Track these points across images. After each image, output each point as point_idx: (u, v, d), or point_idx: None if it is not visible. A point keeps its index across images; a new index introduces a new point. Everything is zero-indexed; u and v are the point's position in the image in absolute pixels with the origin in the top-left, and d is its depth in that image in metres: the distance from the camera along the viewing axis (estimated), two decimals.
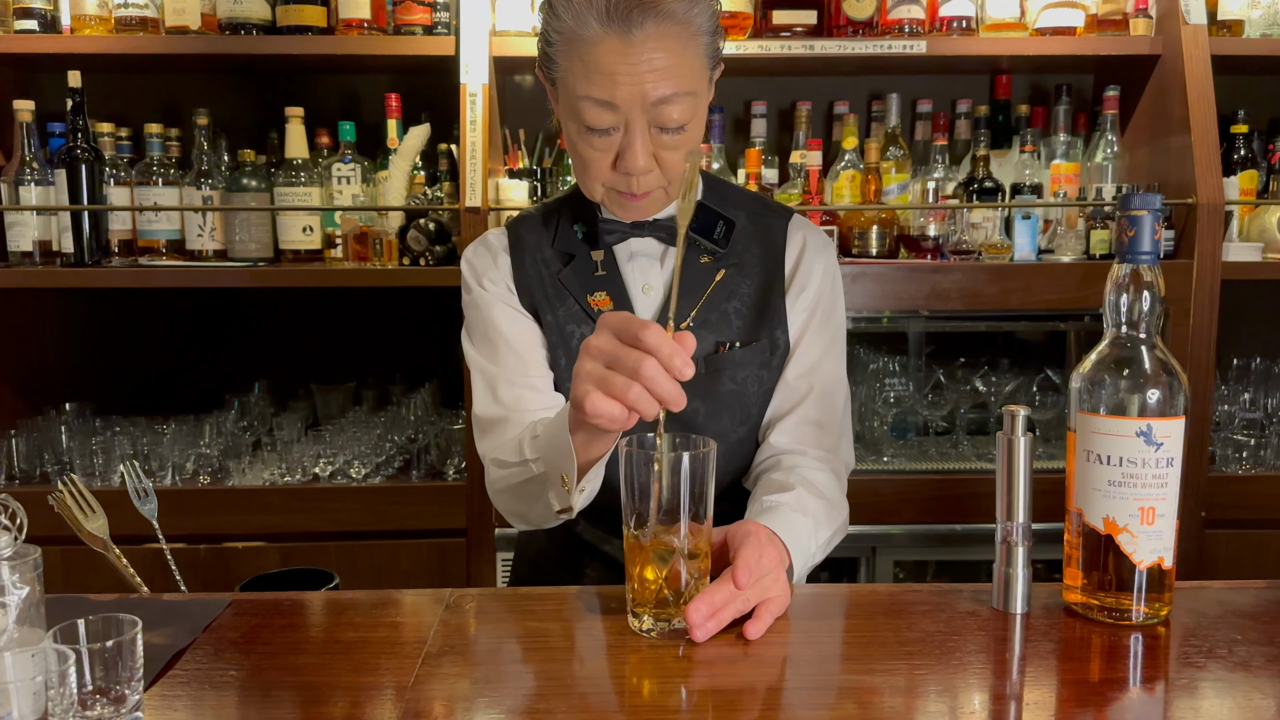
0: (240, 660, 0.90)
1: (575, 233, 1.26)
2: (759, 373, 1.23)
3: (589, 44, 1.06)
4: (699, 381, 1.21)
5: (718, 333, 1.23)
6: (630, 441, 0.94)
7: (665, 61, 1.06)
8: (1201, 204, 2.12)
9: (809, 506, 1.11)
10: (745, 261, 1.25)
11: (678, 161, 1.12)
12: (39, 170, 2.24)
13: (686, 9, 1.06)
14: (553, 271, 1.25)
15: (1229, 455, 2.26)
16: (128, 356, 2.60)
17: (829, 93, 2.52)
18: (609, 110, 1.08)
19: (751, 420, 1.25)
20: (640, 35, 1.04)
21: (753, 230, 1.26)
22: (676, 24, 1.06)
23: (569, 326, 1.24)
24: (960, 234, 2.23)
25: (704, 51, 1.10)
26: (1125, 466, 0.93)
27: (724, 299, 1.23)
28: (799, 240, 1.27)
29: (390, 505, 2.17)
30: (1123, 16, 2.27)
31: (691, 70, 1.08)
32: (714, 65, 1.15)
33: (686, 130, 1.10)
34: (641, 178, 1.12)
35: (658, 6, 1.04)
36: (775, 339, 1.24)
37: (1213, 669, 0.87)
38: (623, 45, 1.04)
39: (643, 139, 1.09)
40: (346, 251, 2.26)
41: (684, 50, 1.07)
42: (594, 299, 1.23)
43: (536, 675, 0.87)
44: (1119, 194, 2.17)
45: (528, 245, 1.27)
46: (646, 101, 1.07)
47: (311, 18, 2.22)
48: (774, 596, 0.96)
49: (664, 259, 1.25)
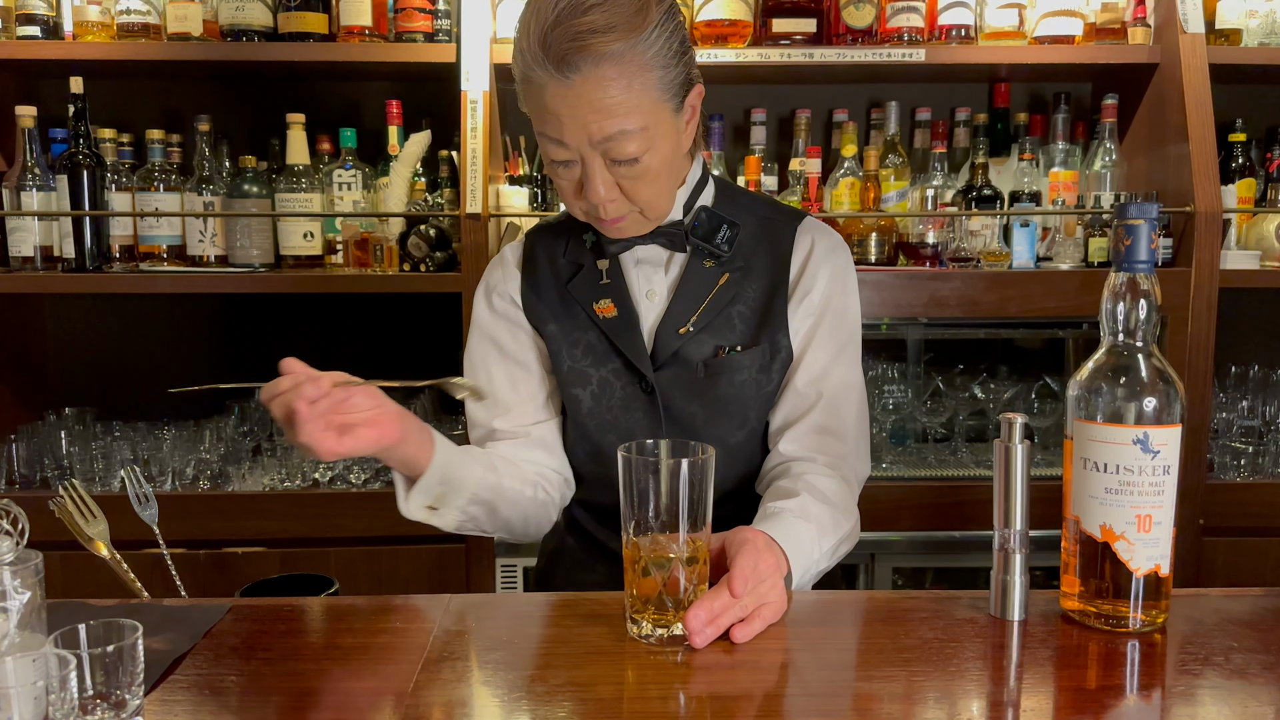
0: (240, 666, 0.91)
1: (585, 242, 1.28)
2: (758, 376, 1.24)
3: (537, 86, 1.08)
4: (698, 385, 1.23)
5: (719, 336, 1.23)
6: (629, 448, 0.95)
7: (609, 100, 1.06)
8: (1199, 212, 2.12)
9: (812, 512, 1.12)
10: (751, 265, 1.25)
11: (643, 189, 1.13)
12: (41, 176, 2.24)
13: (627, 48, 1.05)
14: (562, 281, 1.28)
15: (1227, 463, 2.26)
16: (128, 362, 2.61)
17: (828, 100, 2.53)
18: (562, 147, 1.10)
19: (750, 424, 1.26)
20: (579, 79, 1.05)
21: (761, 234, 1.27)
22: (617, 64, 1.05)
23: (575, 334, 1.26)
24: (959, 241, 2.23)
25: (657, 84, 1.09)
26: (1122, 474, 0.93)
27: (727, 303, 1.23)
28: (807, 244, 1.27)
29: (390, 511, 2.12)
30: (1121, 25, 2.28)
31: (639, 105, 1.07)
32: (680, 92, 1.13)
33: (642, 161, 1.11)
34: (607, 205, 1.13)
35: (593, 51, 1.03)
36: (776, 343, 1.24)
37: (1209, 676, 0.88)
38: (563, 89, 1.06)
39: (600, 173, 1.11)
40: (347, 258, 2.26)
41: (629, 87, 1.06)
42: (599, 306, 1.25)
43: (536, 681, 0.87)
44: (1117, 202, 2.18)
45: (540, 258, 1.30)
46: (593, 140, 1.08)
47: (313, 25, 2.23)
48: (770, 603, 0.96)
49: (668, 265, 1.26)
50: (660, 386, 1.23)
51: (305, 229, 2.27)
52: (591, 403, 1.26)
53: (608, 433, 1.26)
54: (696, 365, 1.22)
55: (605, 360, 1.25)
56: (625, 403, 1.25)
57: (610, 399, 1.25)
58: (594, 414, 1.26)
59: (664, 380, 1.23)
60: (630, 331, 1.24)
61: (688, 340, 1.22)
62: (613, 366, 1.25)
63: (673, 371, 1.23)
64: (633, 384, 1.24)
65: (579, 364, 1.26)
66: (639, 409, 1.24)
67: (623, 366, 1.24)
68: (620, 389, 1.25)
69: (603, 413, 1.25)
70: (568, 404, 1.27)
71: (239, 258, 2.28)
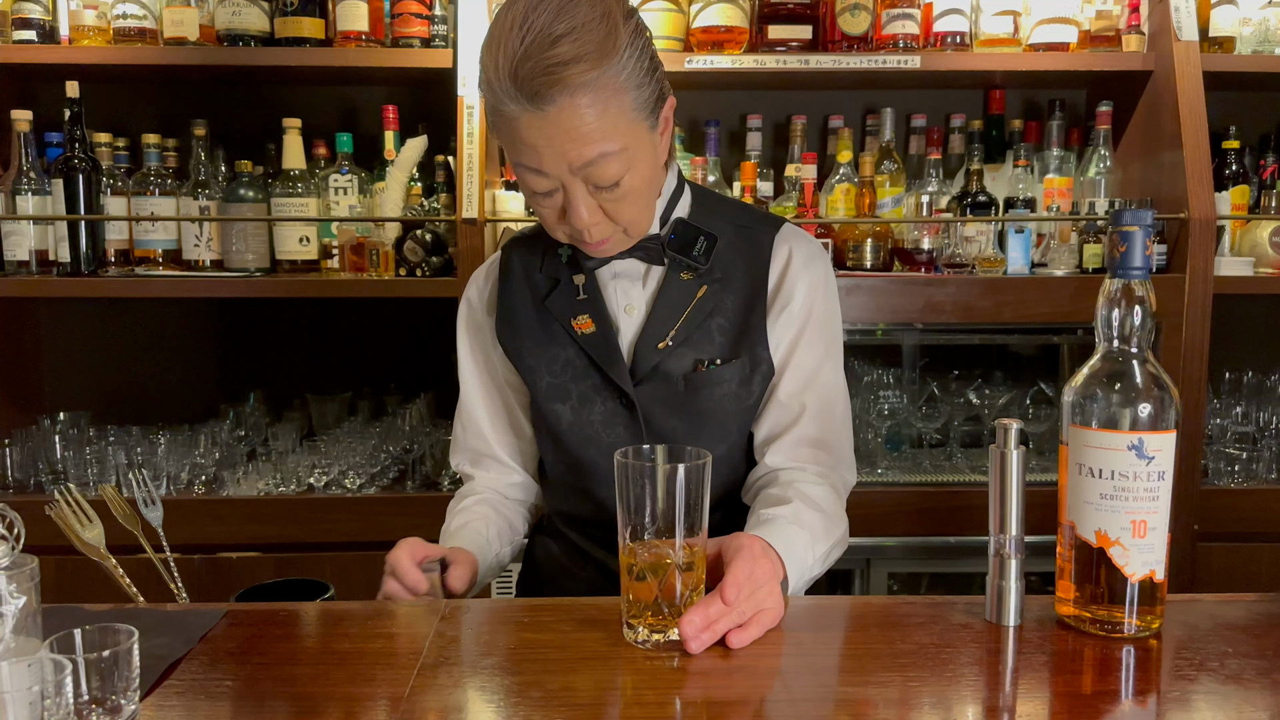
0: (236, 670, 0.91)
1: (560, 256, 1.27)
2: (738, 390, 1.23)
3: (509, 119, 1.06)
4: (678, 399, 1.22)
5: (698, 350, 1.22)
6: (625, 453, 0.95)
7: (586, 128, 1.04)
8: (1193, 219, 2.13)
9: (805, 519, 1.12)
10: (729, 276, 1.24)
11: (626, 209, 1.13)
12: (36, 180, 2.24)
13: (600, 74, 1.03)
14: (539, 298, 1.27)
15: (1221, 469, 2.26)
16: (123, 366, 2.60)
17: (824, 107, 2.53)
18: (543, 177, 1.09)
19: (731, 437, 1.25)
20: (554, 110, 1.03)
21: (739, 244, 1.25)
22: (592, 91, 1.03)
23: (553, 350, 1.26)
24: (954, 247, 2.24)
25: (631, 105, 1.07)
26: (1117, 480, 0.93)
27: (705, 315, 1.22)
28: (784, 253, 1.26)
29: (385, 516, 2.17)
30: (1115, 33, 2.29)
31: (617, 128, 1.06)
32: (655, 109, 1.12)
33: (624, 183, 1.10)
34: (592, 229, 1.13)
35: (566, 82, 1.02)
36: (756, 356, 1.23)
37: (1204, 682, 0.88)
38: (538, 121, 1.04)
39: (583, 198, 1.10)
40: (343, 262, 2.26)
41: (605, 112, 1.05)
42: (577, 322, 1.24)
43: (531, 686, 0.87)
44: (1111, 209, 2.19)
45: (515, 272, 1.30)
46: (573, 167, 1.07)
47: (309, 30, 2.23)
48: (768, 609, 0.96)
49: (646, 278, 1.25)
50: (640, 401, 1.23)
51: (301, 234, 2.27)
52: (572, 417, 1.25)
53: (588, 447, 1.25)
54: (676, 380, 1.22)
55: (585, 376, 1.25)
56: (606, 418, 1.24)
57: (590, 414, 1.25)
58: (574, 429, 1.25)
59: (644, 395, 1.23)
60: (609, 347, 1.23)
61: (667, 355, 1.22)
62: (592, 382, 1.24)
63: (653, 386, 1.23)
64: (613, 399, 1.24)
65: (558, 379, 1.26)
66: (620, 424, 1.24)
67: (602, 382, 1.24)
68: (600, 404, 1.24)
69: (583, 427, 1.25)
70: (548, 418, 1.27)
71: (234, 262, 2.28)
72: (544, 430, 1.29)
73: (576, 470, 1.27)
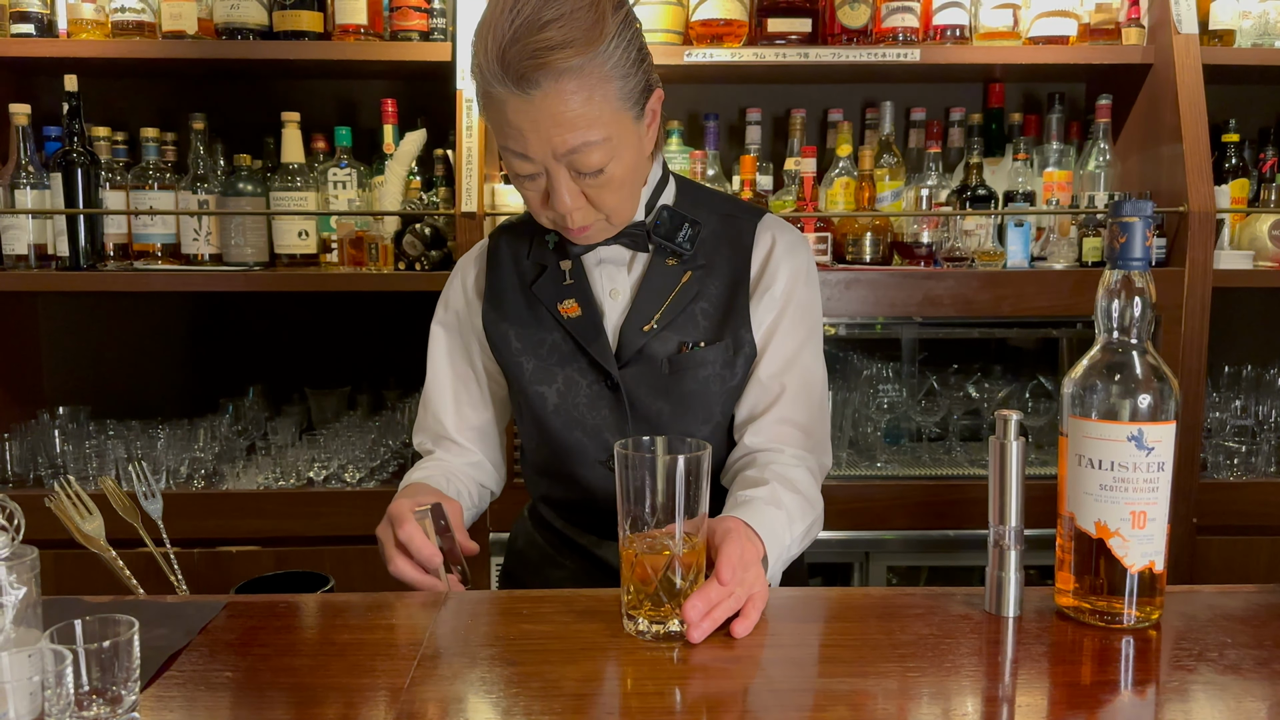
0: (236, 662, 0.91)
1: (548, 243, 1.30)
2: (721, 372, 1.25)
3: (497, 102, 1.08)
4: (663, 381, 1.24)
5: (683, 333, 1.24)
6: (625, 444, 0.95)
7: (571, 114, 1.06)
8: (1193, 212, 2.13)
9: (783, 500, 1.14)
10: (713, 263, 1.26)
11: (608, 197, 1.14)
12: (35, 174, 2.24)
13: (586, 61, 1.05)
14: (526, 283, 1.29)
15: (1220, 462, 2.27)
16: (122, 360, 2.60)
17: (823, 100, 2.53)
18: (527, 161, 1.11)
19: (714, 419, 1.27)
20: (539, 94, 1.05)
21: (722, 232, 1.28)
22: (577, 77, 1.05)
23: (540, 334, 1.28)
24: (953, 241, 2.24)
25: (617, 94, 1.09)
26: (1116, 471, 0.93)
27: (690, 300, 1.25)
28: (768, 241, 1.28)
29: (384, 509, 2.16)
30: (1115, 26, 2.29)
31: (600, 117, 1.08)
32: (641, 99, 1.13)
33: (607, 171, 1.11)
34: (574, 214, 1.14)
35: (552, 66, 1.03)
36: (739, 338, 1.25)
37: (1203, 672, 0.88)
38: (524, 104, 1.06)
39: (566, 184, 1.12)
40: (342, 256, 2.26)
41: (590, 99, 1.06)
42: (563, 306, 1.26)
43: (531, 678, 0.87)
44: (1111, 201, 2.18)
45: (503, 258, 1.32)
46: (557, 153, 1.09)
47: (308, 23, 2.23)
48: (757, 591, 0.98)
49: (631, 264, 1.27)
50: (625, 384, 1.24)
51: (300, 227, 2.27)
52: (557, 400, 1.27)
53: (573, 429, 1.27)
54: (661, 362, 1.24)
55: (570, 359, 1.26)
56: (591, 400, 1.26)
57: (576, 397, 1.26)
58: (560, 411, 1.27)
59: (629, 378, 1.24)
60: (594, 330, 1.25)
61: (652, 338, 1.24)
62: (578, 365, 1.26)
63: (638, 369, 1.24)
64: (598, 382, 1.26)
65: (545, 363, 1.27)
66: (605, 406, 1.26)
67: (588, 365, 1.26)
68: (586, 387, 1.26)
69: (569, 410, 1.27)
70: (534, 402, 1.28)
71: (233, 256, 2.28)
72: (529, 414, 1.30)
73: (562, 454, 1.29)
